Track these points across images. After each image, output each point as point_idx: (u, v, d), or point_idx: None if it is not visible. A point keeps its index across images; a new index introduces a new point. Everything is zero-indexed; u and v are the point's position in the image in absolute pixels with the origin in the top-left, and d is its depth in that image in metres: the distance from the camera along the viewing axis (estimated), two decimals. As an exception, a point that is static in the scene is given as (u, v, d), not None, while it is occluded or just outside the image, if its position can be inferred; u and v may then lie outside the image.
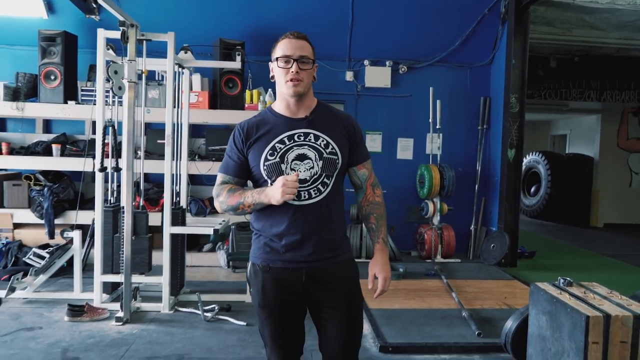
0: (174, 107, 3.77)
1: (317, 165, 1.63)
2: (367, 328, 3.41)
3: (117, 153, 3.58)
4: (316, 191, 1.64)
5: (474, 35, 5.80)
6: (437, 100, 5.64)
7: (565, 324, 2.36)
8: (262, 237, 1.67)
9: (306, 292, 1.66)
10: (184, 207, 4.12)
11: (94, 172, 5.07)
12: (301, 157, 1.63)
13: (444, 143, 5.77)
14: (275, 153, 1.62)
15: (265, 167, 1.63)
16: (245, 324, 3.48)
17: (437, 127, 5.65)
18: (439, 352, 3.04)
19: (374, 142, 6.07)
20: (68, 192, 5.12)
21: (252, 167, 1.67)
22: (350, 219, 5.46)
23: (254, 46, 5.37)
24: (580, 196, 9.57)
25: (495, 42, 5.90)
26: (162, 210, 4.30)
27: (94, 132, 5.48)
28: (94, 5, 5.30)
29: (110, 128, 3.45)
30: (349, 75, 5.88)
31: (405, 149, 6.15)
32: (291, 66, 1.59)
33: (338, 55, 5.83)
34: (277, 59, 1.62)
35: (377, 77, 5.88)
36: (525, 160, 10.05)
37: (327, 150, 1.65)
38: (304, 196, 1.62)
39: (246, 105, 5.20)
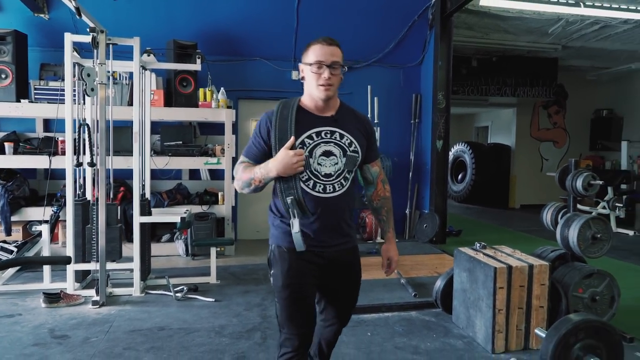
0: (133, 105, 4.04)
1: (341, 161, 1.75)
2: (322, 297, 3.95)
3: (90, 150, 3.80)
4: (339, 185, 1.76)
5: (406, 39, 6.46)
6: (375, 98, 6.24)
7: (479, 276, 3.01)
8: (286, 221, 1.75)
9: (325, 273, 1.80)
10: (148, 199, 4.43)
11: (47, 170, 5.23)
12: (327, 154, 1.73)
13: (381, 136, 6.38)
14: (305, 147, 1.71)
15: None
16: (214, 299, 3.89)
17: (375, 121, 6.25)
18: (383, 311, 3.63)
19: (318, 136, 6.58)
20: (23, 190, 5.20)
21: None
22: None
23: (207, 46, 5.69)
24: (500, 181, 10.62)
25: (424, 45, 6.61)
26: (120, 203, 4.56)
27: (46, 130, 5.62)
28: (43, 4, 5.38)
29: (85, 127, 3.68)
30: (295, 75, 6.34)
31: (347, 142, 6.71)
32: (324, 72, 1.68)
33: (284, 56, 6.27)
34: (310, 64, 1.71)
35: (321, 76, 6.38)
36: (452, 150, 11.01)
37: (351, 149, 1.77)
38: (330, 189, 1.73)
39: (200, 103, 5.52)
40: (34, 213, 5.03)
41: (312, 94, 1.74)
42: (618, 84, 10.14)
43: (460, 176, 11.10)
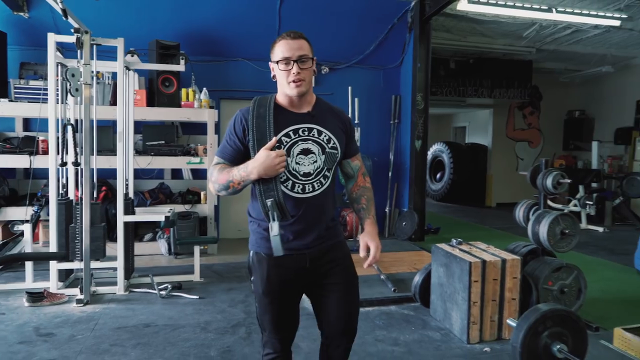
0: (116, 105, 4.07)
1: (320, 159, 1.68)
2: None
3: (74, 149, 3.82)
4: (319, 184, 1.69)
5: (386, 41, 6.60)
6: (355, 98, 6.35)
7: (456, 270, 3.15)
8: (264, 226, 1.69)
9: (309, 273, 1.72)
10: (132, 198, 4.46)
11: (27, 169, 5.20)
12: (306, 152, 1.67)
13: (361, 136, 6.50)
14: (283, 146, 1.64)
15: None
16: (198, 297, 3.96)
17: (356, 121, 6.37)
18: (363, 306, 3.74)
19: (300, 136, 6.68)
20: (3, 189, 5.17)
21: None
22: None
23: (189, 47, 5.73)
24: (477, 180, 10.87)
25: (403, 47, 6.77)
26: (103, 203, 4.58)
27: (25, 129, 5.58)
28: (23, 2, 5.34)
29: (69, 126, 3.70)
30: (277, 75, 6.42)
31: (328, 142, 6.83)
32: (292, 67, 1.61)
33: (266, 56, 6.29)
34: (277, 62, 1.64)
35: (302, 76, 6.48)
36: (431, 150, 11.22)
37: (329, 145, 1.70)
38: (308, 189, 1.67)
39: (182, 103, 5.56)
40: (14, 213, 5.00)
41: (285, 91, 1.67)
42: (589, 86, 10.50)
43: (438, 175, 11.32)
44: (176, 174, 6.17)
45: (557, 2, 6.33)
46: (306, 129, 1.69)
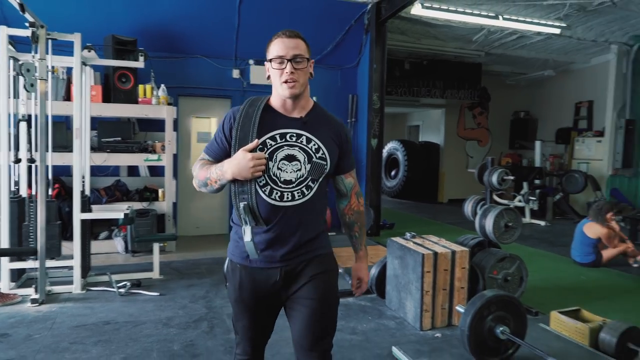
0: (69, 100, 4.01)
1: (305, 168, 1.59)
2: (265, 288, 4.15)
3: (30, 146, 3.74)
4: (300, 194, 1.59)
5: (343, 41, 6.76)
6: (313, 97, 6.42)
7: (410, 262, 3.35)
8: (239, 233, 1.62)
9: (281, 288, 1.64)
10: (88, 195, 4.39)
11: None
12: (290, 158, 1.58)
13: (320, 134, 6.62)
14: (265, 149, 1.56)
15: None
16: (158, 294, 3.97)
17: (314, 120, 6.51)
18: (323, 299, 3.88)
19: (259, 133, 6.73)
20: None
21: None
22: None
23: (147, 42, 5.65)
24: (430, 177, 11.27)
25: (360, 48, 6.96)
26: (56, 200, 4.49)
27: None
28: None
29: (23, 122, 3.61)
30: (236, 73, 6.45)
31: (286, 139, 6.92)
32: (285, 67, 1.55)
33: (225, 54, 6.37)
34: (270, 60, 1.58)
35: (261, 75, 6.52)
36: (386, 148, 11.53)
37: (317, 155, 1.61)
38: (287, 197, 1.57)
39: (140, 100, 5.49)
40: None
41: (278, 92, 1.60)
42: (533, 88, 11.12)
43: (393, 173, 11.62)
44: (133, 171, 6.09)
45: (503, 10, 6.71)
46: (294, 135, 1.60)
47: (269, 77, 1.63)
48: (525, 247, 6.08)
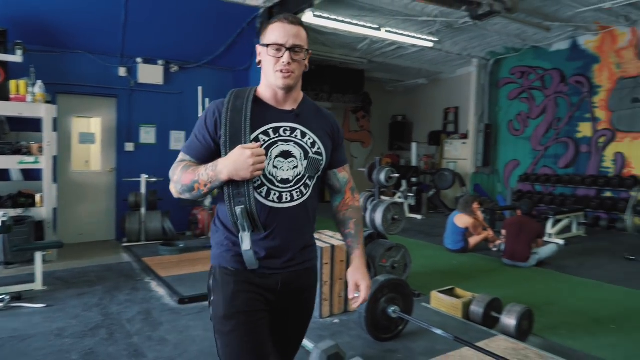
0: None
1: (302, 165, 1.46)
2: (163, 291, 4.09)
3: None
4: (298, 193, 1.46)
5: (235, 44, 6.81)
6: (206, 98, 6.42)
7: (309, 255, 3.57)
8: (231, 237, 1.46)
9: (278, 298, 1.49)
10: (-47, 202, 3.92)
11: None
12: (286, 155, 1.44)
13: (213, 135, 6.59)
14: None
15: None
16: (44, 305, 3.70)
17: (207, 121, 6.46)
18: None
19: (148, 135, 6.50)
20: None
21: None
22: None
23: (19, 34, 5.15)
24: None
25: (252, 51, 7.07)
26: None
27: None
28: None
29: None
30: (122, 71, 6.17)
31: (177, 141, 6.78)
32: (282, 56, 1.41)
33: (111, 51, 6.04)
34: (267, 45, 1.43)
35: (150, 74, 6.34)
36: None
37: (313, 150, 1.49)
38: (286, 198, 1.44)
39: (12, 96, 4.98)
40: None
41: (270, 81, 1.46)
42: (409, 94, 12.21)
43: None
44: (3, 175, 5.50)
45: (384, 23, 7.32)
46: (288, 129, 1.47)
47: (259, 63, 1.49)
48: (405, 238, 6.72)
